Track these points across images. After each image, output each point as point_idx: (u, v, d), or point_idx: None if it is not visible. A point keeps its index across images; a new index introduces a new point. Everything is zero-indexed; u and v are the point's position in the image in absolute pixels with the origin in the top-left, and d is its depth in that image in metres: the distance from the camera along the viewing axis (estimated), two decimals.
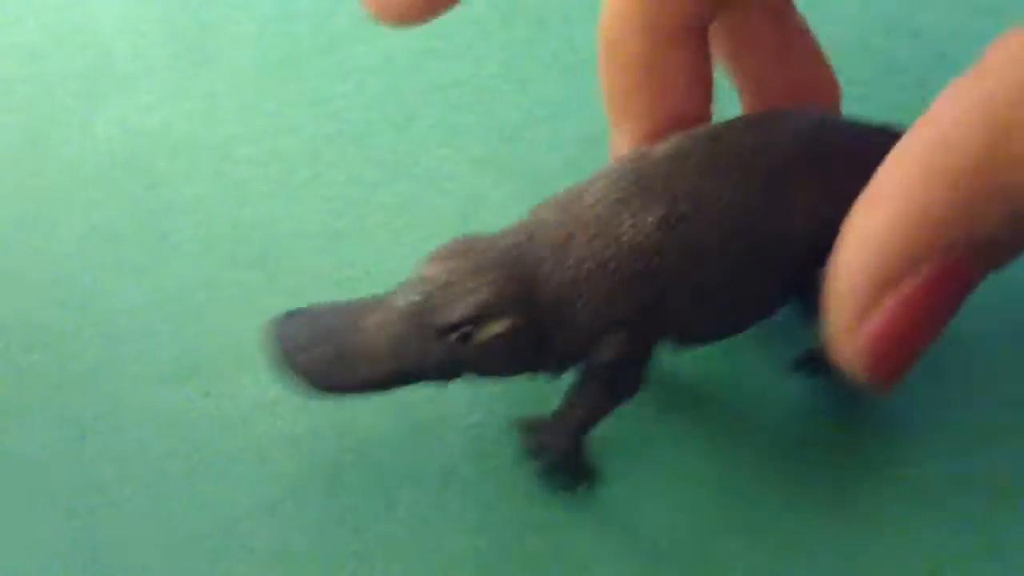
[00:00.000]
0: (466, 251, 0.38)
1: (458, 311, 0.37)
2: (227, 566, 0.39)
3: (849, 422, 0.43)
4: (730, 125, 0.40)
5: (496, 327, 0.37)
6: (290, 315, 0.39)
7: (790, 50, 0.44)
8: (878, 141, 0.39)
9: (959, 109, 0.30)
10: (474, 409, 0.43)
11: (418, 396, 0.44)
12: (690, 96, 0.41)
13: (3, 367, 0.45)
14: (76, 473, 0.42)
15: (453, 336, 0.37)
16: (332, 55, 0.57)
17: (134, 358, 0.45)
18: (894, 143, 0.39)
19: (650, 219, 0.37)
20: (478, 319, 0.37)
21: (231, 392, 0.44)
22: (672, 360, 0.44)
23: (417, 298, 0.38)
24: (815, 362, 0.43)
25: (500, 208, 0.50)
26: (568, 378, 0.41)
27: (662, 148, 0.39)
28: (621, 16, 0.41)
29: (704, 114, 0.42)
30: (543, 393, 0.43)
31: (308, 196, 0.51)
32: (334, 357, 0.38)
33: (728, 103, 0.46)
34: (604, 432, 0.42)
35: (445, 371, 0.38)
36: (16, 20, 0.58)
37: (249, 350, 0.45)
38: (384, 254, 0.48)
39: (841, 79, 0.54)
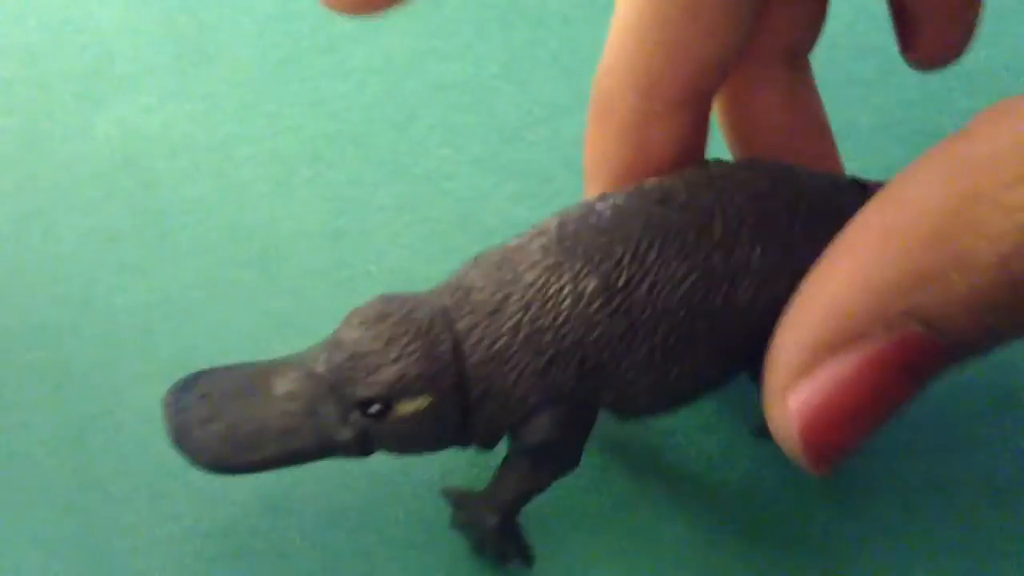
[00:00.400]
0: (387, 315, 0.34)
1: (373, 387, 0.34)
2: (227, 565, 0.39)
3: None
4: (681, 183, 0.36)
5: (411, 405, 0.34)
6: (189, 382, 0.36)
7: (796, 129, 0.40)
8: (838, 198, 0.37)
9: (930, 171, 0.27)
10: None
11: None
12: (675, 168, 0.38)
13: (3, 366, 0.45)
14: (75, 472, 0.42)
15: (368, 411, 0.34)
16: (332, 55, 0.57)
17: (134, 357, 0.45)
18: (856, 197, 0.37)
19: (589, 288, 0.34)
20: (392, 396, 0.34)
21: None
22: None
23: (332, 366, 0.34)
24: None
25: (500, 208, 0.50)
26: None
27: (606, 206, 0.36)
28: (617, 72, 0.38)
29: None
30: None
31: (308, 196, 0.51)
32: (236, 432, 0.34)
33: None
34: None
35: (360, 446, 0.35)
36: (16, 20, 0.58)
37: (248, 350, 0.45)
38: (384, 254, 0.48)
39: (841, 79, 0.54)
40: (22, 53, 0.57)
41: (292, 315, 0.46)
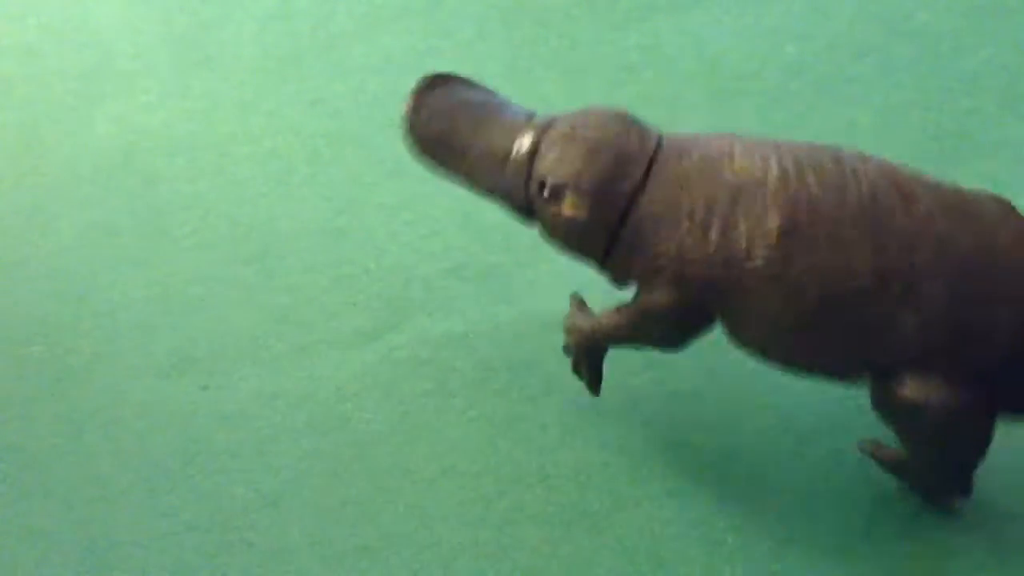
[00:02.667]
0: (604, 126, 0.40)
1: (550, 175, 0.40)
2: (226, 560, 0.39)
3: (848, 424, 0.43)
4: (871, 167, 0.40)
5: (567, 207, 0.40)
6: (437, 83, 0.43)
7: None
8: (973, 207, 0.40)
9: None
10: (473, 404, 0.43)
11: (418, 391, 0.44)
12: None
13: (3, 361, 0.45)
14: (74, 466, 0.42)
15: (541, 191, 0.40)
16: (332, 55, 0.57)
17: (132, 352, 0.45)
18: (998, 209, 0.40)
19: (763, 225, 0.39)
20: (559, 191, 0.40)
21: (229, 386, 0.44)
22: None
23: (537, 139, 0.40)
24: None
25: (500, 207, 0.50)
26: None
27: (836, 159, 0.40)
28: None
29: None
30: (535, 405, 0.43)
31: (307, 194, 0.51)
32: (450, 140, 0.41)
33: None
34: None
35: (524, 211, 0.41)
36: (16, 19, 0.58)
37: (247, 344, 0.45)
38: (383, 252, 0.48)
39: (841, 79, 0.54)
40: (22, 52, 0.57)
41: (291, 311, 0.46)
